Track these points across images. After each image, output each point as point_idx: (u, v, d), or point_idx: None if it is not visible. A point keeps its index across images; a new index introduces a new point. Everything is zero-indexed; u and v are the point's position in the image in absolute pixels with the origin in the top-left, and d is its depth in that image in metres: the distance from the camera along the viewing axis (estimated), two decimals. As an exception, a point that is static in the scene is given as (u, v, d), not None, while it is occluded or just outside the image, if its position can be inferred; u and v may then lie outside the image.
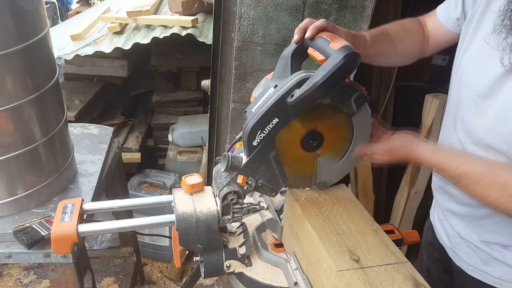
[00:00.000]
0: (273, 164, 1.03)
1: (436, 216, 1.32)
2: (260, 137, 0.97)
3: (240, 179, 1.03)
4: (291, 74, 0.98)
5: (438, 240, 1.32)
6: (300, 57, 1.03)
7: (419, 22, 1.27)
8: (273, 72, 1.05)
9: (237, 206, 1.08)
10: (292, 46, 1.02)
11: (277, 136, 0.99)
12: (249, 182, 1.04)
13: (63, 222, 1.05)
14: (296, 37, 1.01)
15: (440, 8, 1.23)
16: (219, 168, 1.07)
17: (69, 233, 1.03)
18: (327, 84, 0.87)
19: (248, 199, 1.12)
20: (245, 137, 0.98)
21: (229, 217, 1.09)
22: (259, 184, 1.06)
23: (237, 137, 1.10)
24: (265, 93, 0.99)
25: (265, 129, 0.97)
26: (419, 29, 1.26)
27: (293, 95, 0.92)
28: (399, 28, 1.24)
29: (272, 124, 0.96)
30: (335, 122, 1.03)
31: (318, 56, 0.95)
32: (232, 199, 1.05)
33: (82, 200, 1.15)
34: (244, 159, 1.02)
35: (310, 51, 1.00)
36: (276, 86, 0.97)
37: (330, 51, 0.89)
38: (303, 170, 1.10)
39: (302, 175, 1.12)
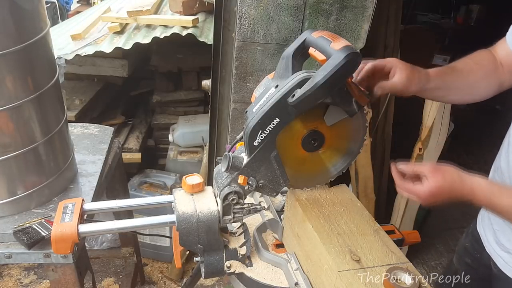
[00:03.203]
0: (274, 164, 1.03)
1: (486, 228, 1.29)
2: (261, 137, 0.97)
3: (241, 179, 1.03)
4: (292, 74, 0.97)
5: (475, 247, 1.31)
6: (301, 57, 1.02)
7: (489, 52, 1.23)
8: (274, 72, 1.05)
9: (238, 206, 1.07)
10: (293, 46, 1.02)
11: (278, 136, 0.99)
12: (250, 182, 1.04)
13: (64, 222, 1.05)
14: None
15: (509, 35, 1.18)
16: (220, 168, 1.07)
17: (70, 233, 1.03)
18: (328, 84, 0.87)
19: (249, 199, 1.12)
20: (246, 137, 0.98)
21: (230, 217, 1.09)
22: (260, 184, 1.05)
23: (238, 137, 1.10)
24: (266, 93, 0.98)
25: (266, 129, 0.96)
26: (489, 59, 1.21)
27: (294, 95, 0.92)
28: (467, 60, 1.20)
29: (273, 124, 0.96)
30: (336, 122, 1.03)
31: (319, 56, 0.95)
32: (233, 199, 1.05)
33: (83, 200, 1.15)
34: (245, 159, 1.02)
35: (311, 51, 1.00)
36: (277, 86, 0.97)
37: (331, 51, 0.89)
38: (304, 170, 1.10)
39: (303, 175, 1.11)
